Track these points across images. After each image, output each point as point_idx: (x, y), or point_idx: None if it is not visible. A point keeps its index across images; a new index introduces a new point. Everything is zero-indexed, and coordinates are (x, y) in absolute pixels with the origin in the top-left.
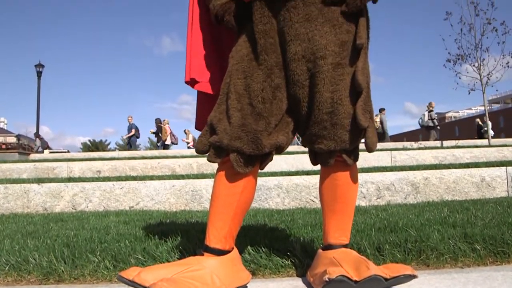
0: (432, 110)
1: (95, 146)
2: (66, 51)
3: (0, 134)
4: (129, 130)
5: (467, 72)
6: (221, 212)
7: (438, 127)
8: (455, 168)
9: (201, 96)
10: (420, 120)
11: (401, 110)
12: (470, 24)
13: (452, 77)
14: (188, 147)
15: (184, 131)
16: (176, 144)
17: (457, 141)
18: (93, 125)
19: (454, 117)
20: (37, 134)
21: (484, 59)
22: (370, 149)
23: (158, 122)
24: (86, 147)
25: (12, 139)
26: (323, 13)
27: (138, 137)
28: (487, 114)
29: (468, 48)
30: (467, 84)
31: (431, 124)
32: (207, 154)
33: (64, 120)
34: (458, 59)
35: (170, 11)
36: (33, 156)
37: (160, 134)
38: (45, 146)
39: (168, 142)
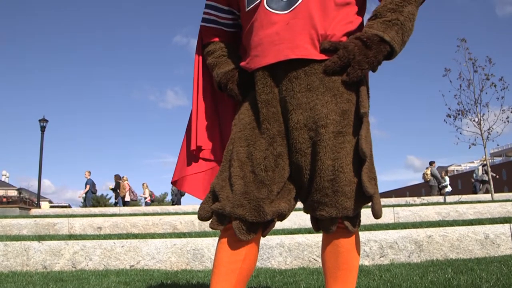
0: (485, 164)
1: (96, 200)
2: (70, 106)
3: (1, 188)
4: (86, 186)
5: (468, 127)
6: (223, 280)
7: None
8: (459, 225)
9: (184, 151)
10: (475, 175)
11: (403, 164)
12: (469, 80)
13: (453, 132)
14: (146, 202)
15: (143, 185)
16: (136, 200)
17: (460, 196)
18: (94, 179)
19: (457, 170)
20: None
21: (484, 114)
22: (377, 216)
23: (117, 178)
24: None
25: (13, 193)
26: (324, 82)
27: (94, 193)
28: (489, 168)
29: (468, 104)
30: (468, 139)
31: (486, 178)
32: (210, 221)
33: (66, 173)
34: (458, 114)
35: (173, 66)
36: (34, 211)
37: (118, 190)
38: None
39: (127, 198)
